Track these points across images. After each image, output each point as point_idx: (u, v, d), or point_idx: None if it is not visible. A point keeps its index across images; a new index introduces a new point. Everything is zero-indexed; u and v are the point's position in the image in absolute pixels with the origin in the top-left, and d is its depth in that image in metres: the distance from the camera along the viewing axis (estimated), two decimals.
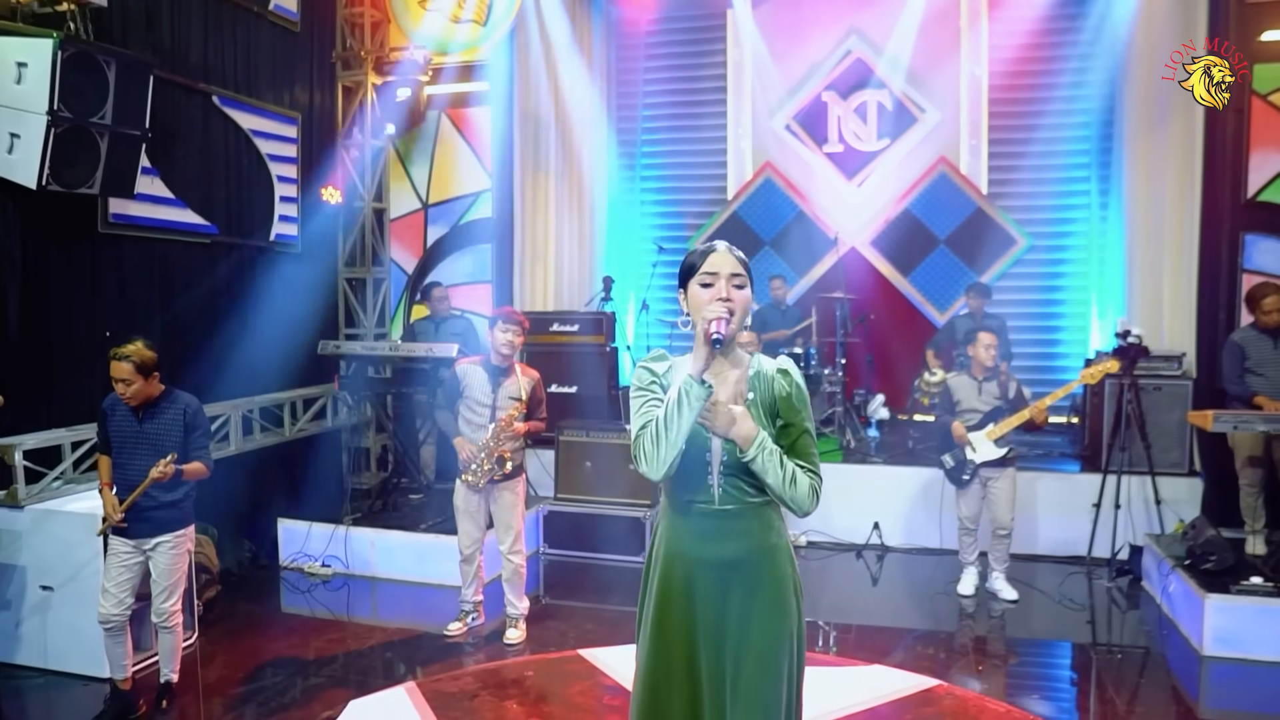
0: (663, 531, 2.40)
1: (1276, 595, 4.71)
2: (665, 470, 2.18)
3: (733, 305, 2.22)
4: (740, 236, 8.75)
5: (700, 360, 2.18)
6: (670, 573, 2.31)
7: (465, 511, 4.95)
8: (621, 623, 5.25)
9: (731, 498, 2.28)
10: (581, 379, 7.31)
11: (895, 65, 8.36)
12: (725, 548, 2.27)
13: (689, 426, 2.16)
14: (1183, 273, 6.42)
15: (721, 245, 2.33)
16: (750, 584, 2.27)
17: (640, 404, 2.32)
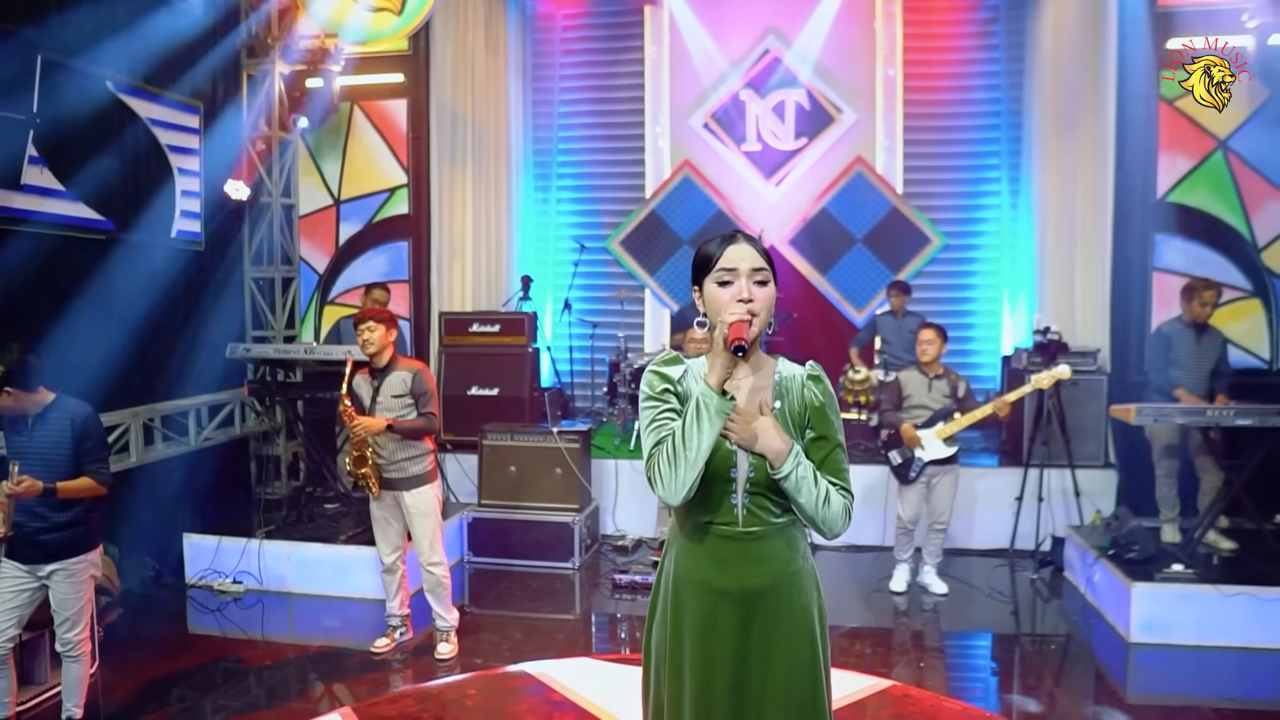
0: (676, 557, 2.15)
1: (1198, 581, 4.87)
2: (685, 494, 1.96)
3: (755, 306, 1.97)
4: (659, 235, 8.71)
5: (718, 369, 1.93)
6: (685, 604, 2.09)
7: (379, 520, 4.75)
8: (556, 632, 5.11)
9: (756, 519, 2.05)
10: (503, 381, 7.11)
11: (812, 65, 8.44)
12: (749, 576, 2.05)
13: (710, 444, 1.93)
14: (1095, 271, 6.61)
15: (741, 236, 2.06)
16: (774, 613, 2.06)
17: (652, 416, 2.06)
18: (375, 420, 4.50)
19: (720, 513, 2.06)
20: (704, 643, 2.05)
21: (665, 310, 8.79)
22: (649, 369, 2.14)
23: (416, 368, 4.66)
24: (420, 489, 4.65)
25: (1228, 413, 4.90)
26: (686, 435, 1.93)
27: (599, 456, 6.79)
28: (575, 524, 6.16)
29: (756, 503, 2.04)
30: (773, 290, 2.03)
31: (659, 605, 2.19)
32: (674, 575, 2.13)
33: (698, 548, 2.09)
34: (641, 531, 6.70)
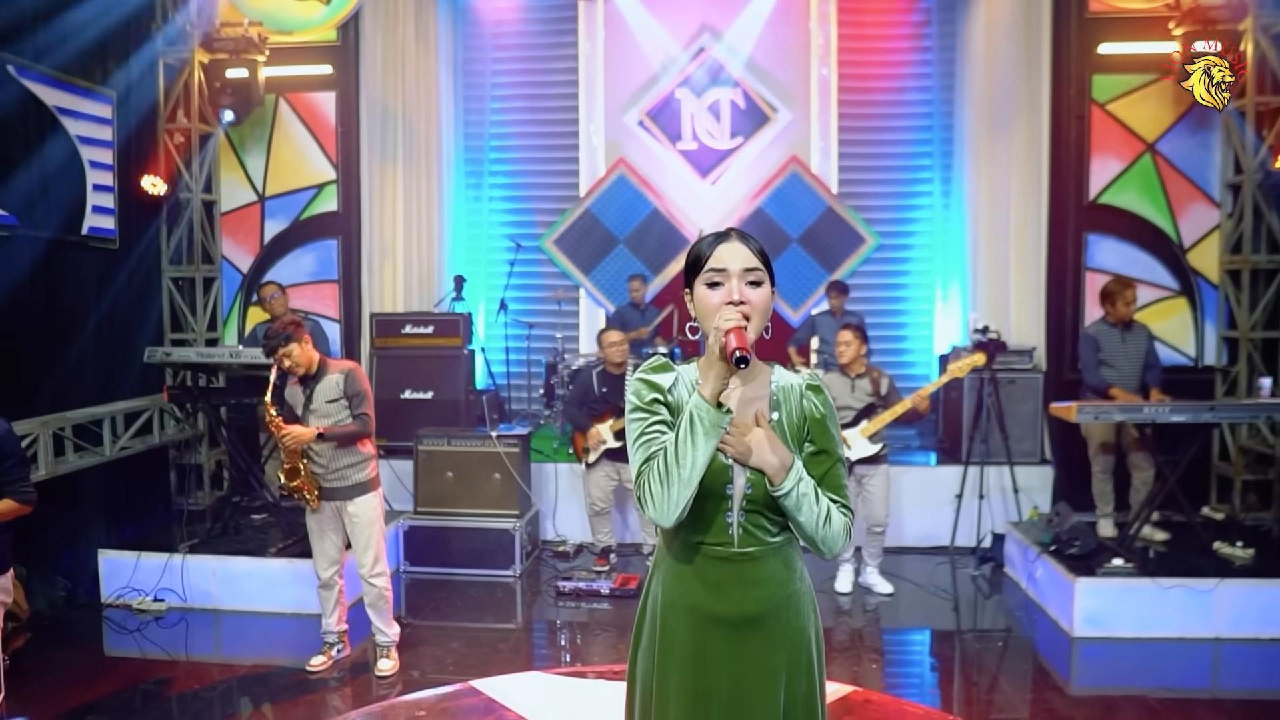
0: (663, 579, 2.00)
1: (1137, 575, 4.97)
2: (678, 514, 1.81)
3: (748, 309, 1.82)
4: (594, 234, 8.60)
5: (713, 379, 1.76)
6: (674, 631, 1.95)
7: (316, 533, 4.52)
8: (499, 643, 4.95)
9: (752, 539, 1.91)
10: (438, 384, 6.90)
11: (747, 64, 8.43)
12: (744, 600, 1.91)
13: (706, 461, 1.78)
14: (1030, 270, 6.72)
15: (734, 233, 1.91)
16: (769, 640, 1.93)
17: (640, 429, 1.90)
18: (305, 430, 4.27)
19: (713, 532, 1.91)
20: (695, 673, 1.92)
21: (601, 310, 8.68)
22: (636, 376, 1.98)
23: (348, 368, 4.45)
24: (363, 497, 4.45)
25: (1163, 409, 5.01)
26: (680, 451, 1.78)
27: (538, 460, 6.64)
28: (516, 530, 6.00)
29: (753, 521, 1.91)
30: (768, 291, 1.88)
31: (645, 632, 2.04)
32: (662, 599, 1.99)
33: (688, 570, 1.95)
34: (583, 537, 6.57)
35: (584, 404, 6.07)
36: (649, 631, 2.02)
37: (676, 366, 1.99)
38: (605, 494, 6.07)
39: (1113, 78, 6.41)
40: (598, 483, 6.04)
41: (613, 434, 5.91)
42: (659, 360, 2.01)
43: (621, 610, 5.44)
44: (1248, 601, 4.90)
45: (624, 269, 8.54)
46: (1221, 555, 5.27)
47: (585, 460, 6.04)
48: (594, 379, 6.07)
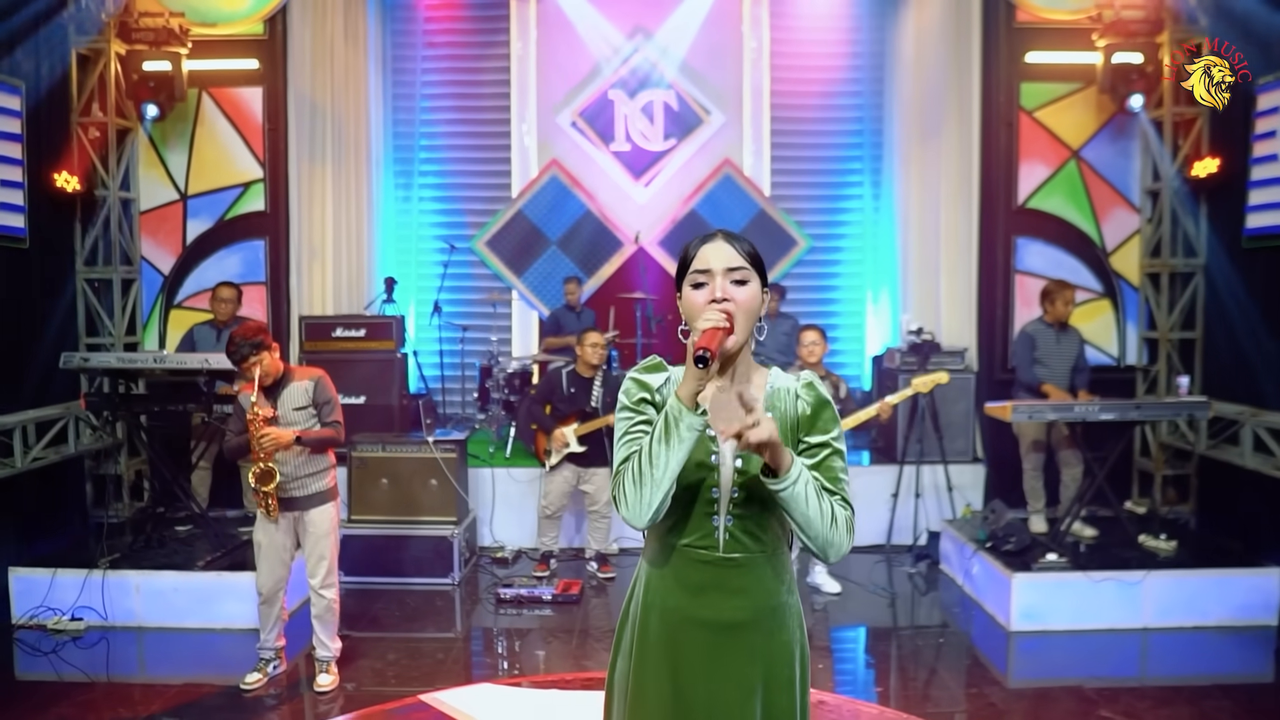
0: (645, 581, 1.97)
1: (1071, 569, 5.11)
2: (650, 515, 1.77)
3: (731, 308, 1.79)
4: (526, 236, 8.51)
5: (690, 379, 1.70)
6: (651, 632, 1.91)
7: (267, 545, 4.33)
8: (440, 653, 4.83)
9: (738, 544, 1.86)
10: (370, 388, 6.71)
11: (681, 66, 8.45)
12: (726, 607, 1.86)
13: (679, 463, 1.74)
14: (960, 273, 6.87)
15: (720, 234, 1.88)
16: (750, 651, 1.87)
17: (625, 429, 1.88)
18: (285, 432, 4.14)
19: (698, 535, 1.87)
20: (672, 679, 1.88)
21: (534, 313, 8.59)
22: (628, 375, 1.95)
23: (316, 375, 4.35)
24: (323, 507, 4.34)
25: (1093, 408, 5.18)
26: (653, 452, 1.73)
27: (475, 465, 6.52)
28: (454, 537, 5.88)
29: (740, 525, 1.86)
30: (755, 291, 1.84)
31: (624, 635, 2.00)
32: (643, 601, 1.95)
33: (670, 573, 1.91)
34: (521, 542, 6.48)
35: (550, 404, 5.99)
36: (629, 635, 1.98)
37: (670, 368, 1.95)
38: (561, 497, 6.00)
39: (1039, 86, 6.61)
40: (557, 486, 5.96)
41: (576, 438, 5.83)
42: (653, 360, 1.97)
43: (564, 617, 5.37)
44: (1172, 592, 5.09)
45: (557, 271, 8.48)
46: (1147, 548, 5.46)
47: (547, 463, 5.96)
48: (563, 379, 5.99)
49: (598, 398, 5.92)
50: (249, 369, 4.12)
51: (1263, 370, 5.60)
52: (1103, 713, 4.19)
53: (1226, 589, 5.12)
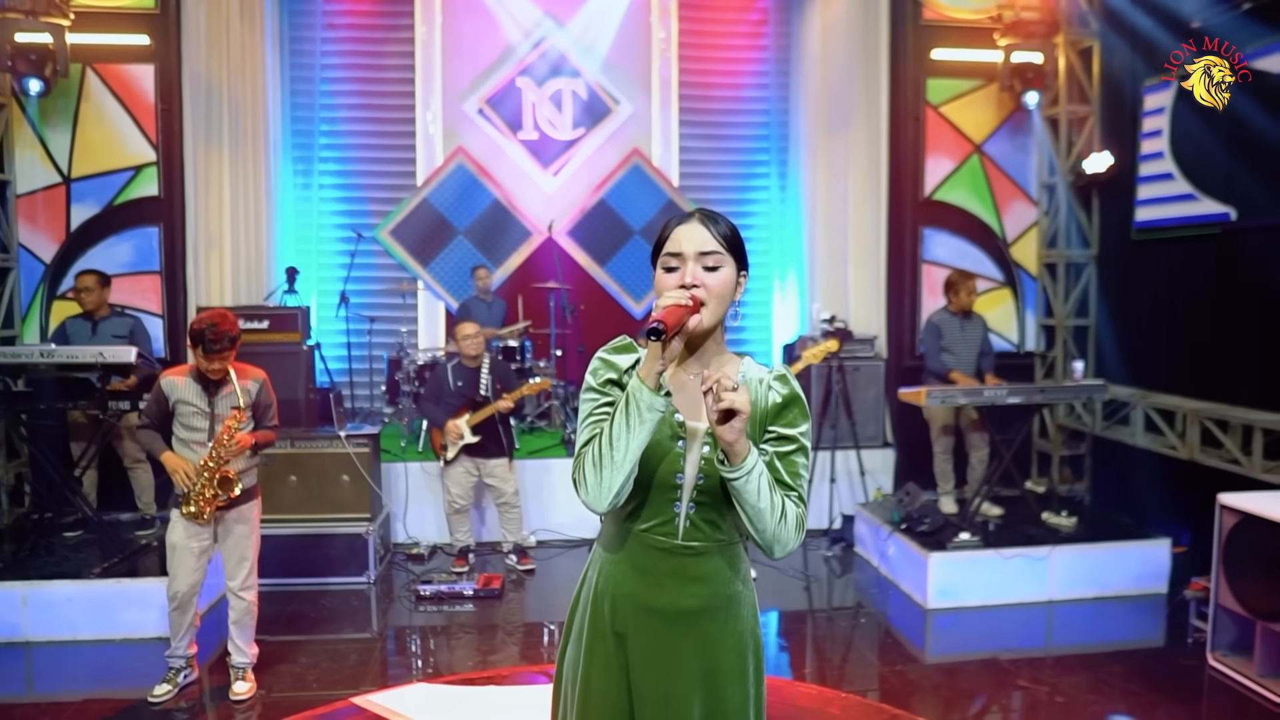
0: (599, 566, 1.92)
1: (983, 548, 5.31)
2: (610, 499, 1.71)
3: (701, 293, 1.74)
4: (432, 225, 8.30)
5: (650, 359, 1.65)
6: (603, 618, 1.87)
7: (187, 549, 4.07)
8: (361, 655, 4.67)
9: (698, 533, 1.82)
10: (275, 382, 6.22)
11: (589, 55, 8.38)
12: (681, 595, 1.82)
13: (640, 446, 1.69)
14: (869, 262, 7.04)
15: (697, 215, 1.82)
16: (704, 641, 1.84)
17: (589, 410, 1.82)
18: (247, 436, 4.00)
19: (658, 521, 1.82)
20: (621, 666, 1.85)
21: (440, 304, 8.40)
22: (597, 355, 1.88)
23: (261, 377, 4.18)
24: (248, 504, 4.16)
25: (1002, 392, 5.39)
26: (614, 434, 1.68)
27: (388, 460, 6.34)
28: (369, 534, 5.70)
29: (702, 514, 1.82)
30: (729, 276, 1.79)
31: (575, 620, 1.96)
32: (596, 587, 1.90)
33: (626, 558, 1.86)
34: (437, 538, 6.34)
35: (439, 399, 5.85)
36: (579, 620, 1.93)
37: (641, 348, 1.85)
38: (465, 491, 5.88)
39: (944, 82, 6.83)
40: (457, 480, 5.84)
41: (470, 429, 5.72)
42: (622, 340, 1.91)
43: (487, 612, 5.27)
44: (1074, 566, 5.36)
45: (464, 261, 8.31)
46: (1050, 525, 5.73)
47: (443, 457, 5.82)
48: (448, 373, 5.86)
49: (486, 385, 5.84)
50: (210, 362, 3.91)
51: (1150, 355, 5.94)
52: (1021, 682, 4.37)
53: (1122, 560, 5.42)
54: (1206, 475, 5.32)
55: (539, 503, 6.43)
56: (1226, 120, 5.27)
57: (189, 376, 4.05)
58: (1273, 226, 5.05)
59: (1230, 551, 4.37)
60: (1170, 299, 5.76)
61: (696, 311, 1.70)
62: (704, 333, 1.78)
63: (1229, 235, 5.33)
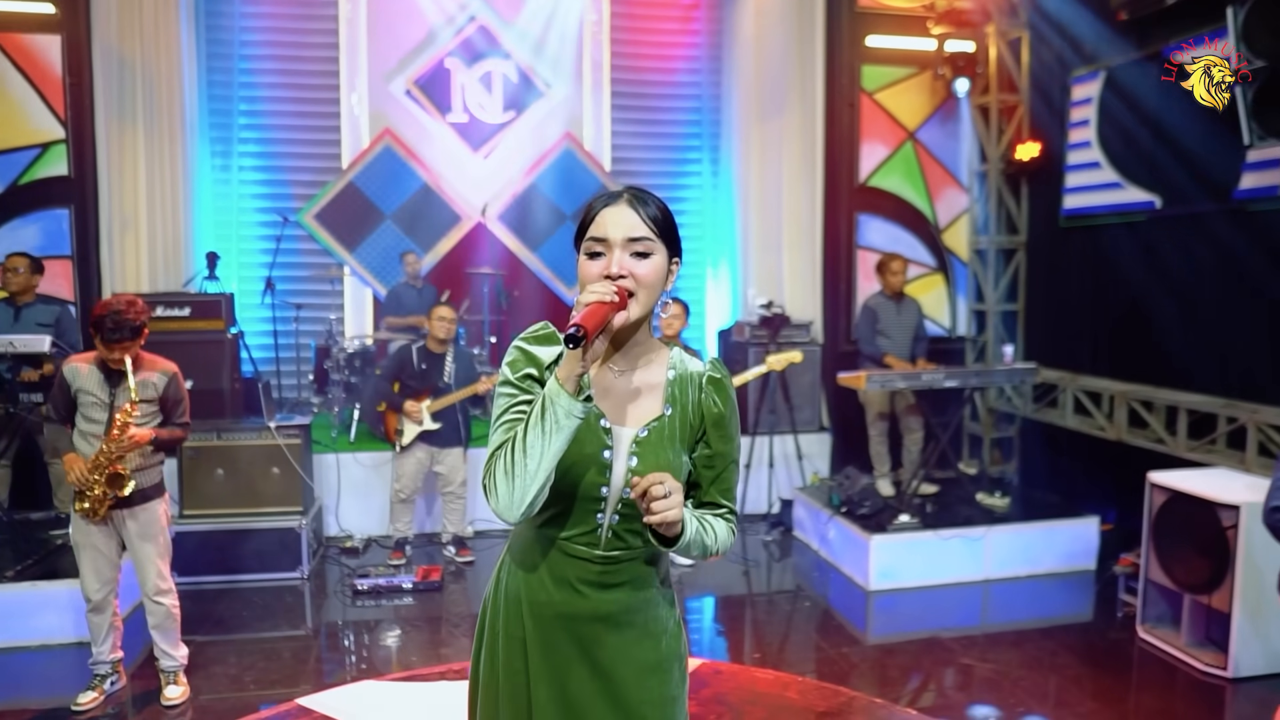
0: (510, 571, 1.79)
1: (921, 529, 5.41)
2: (524, 510, 1.55)
3: (629, 284, 1.59)
4: (359, 209, 8.06)
5: (569, 361, 1.52)
6: (514, 625, 1.75)
7: (89, 547, 3.87)
8: (299, 653, 4.52)
9: (620, 543, 1.70)
10: (199, 372, 6.08)
11: (520, 36, 8.22)
12: (599, 601, 1.71)
13: (556, 455, 1.54)
14: (804, 248, 7.08)
15: (625, 195, 1.66)
16: (620, 643, 1.73)
17: (505, 406, 1.64)
18: (144, 432, 3.75)
19: (579, 530, 1.69)
20: (534, 674, 1.73)
21: (367, 290, 8.17)
22: (515, 343, 1.71)
23: (170, 370, 3.93)
24: (149, 504, 3.91)
25: (939, 376, 5.49)
26: (528, 441, 1.52)
27: (318, 451, 6.14)
28: (302, 528, 5.51)
29: (626, 526, 1.68)
30: (660, 264, 1.64)
31: (485, 630, 1.84)
32: (507, 593, 1.78)
33: (541, 564, 1.73)
34: (371, 530, 6.17)
35: (400, 380, 5.69)
36: (490, 629, 1.81)
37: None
38: (415, 480, 5.74)
39: (879, 69, 6.90)
40: (409, 468, 5.70)
41: (430, 415, 5.58)
42: (544, 328, 1.73)
43: (427, 605, 5.15)
44: (1009, 545, 5.50)
45: (392, 246, 8.10)
46: (984, 505, 5.86)
47: (398, 442, 5.67)
48: (414, 355, 5.71)
49: (450, 373, 5.71)
50: (121, 351, 3.69)
51: (1077, 339, 6.12)
52: (961, 659, 4.47)
53: (1053, 539, 5.58)
54: (1132, 454, 5.51)
55: (477, 492, 6.30)
56: (1151, 112, 5.45)
57: (93, 365, 3.82)
58: (1195, 215, 5.23)
59: (1159, 528, 4.52)
60: (1097, 284, 5.94)
61: (623, 307, 1.57)
62: (632, 325, 1.65)
63: (1154, 222, 5.52)
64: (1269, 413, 4.64)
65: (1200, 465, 4.90)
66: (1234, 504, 4.11)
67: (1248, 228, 4.88)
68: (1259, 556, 4.07)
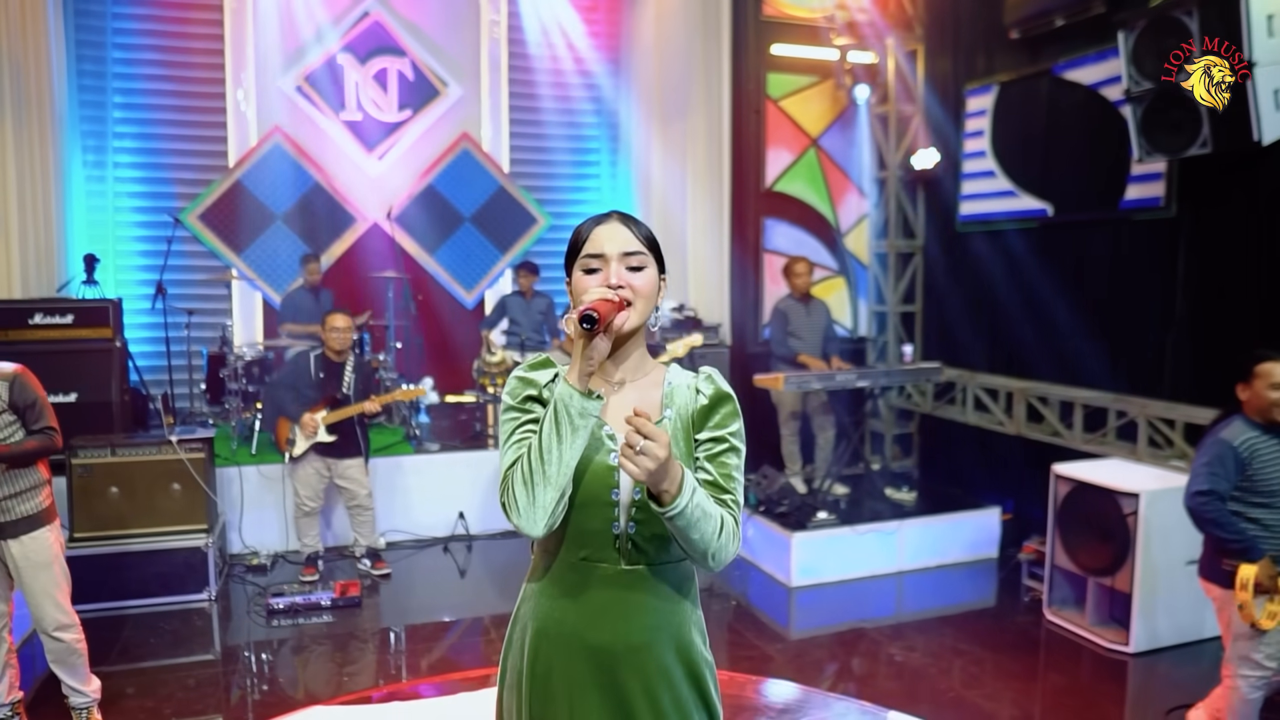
0: (534, 604, 1.75)
1: (839, 525, 5.59)
2: (547, 521, 1.56)
3: (628, 293, 1.64)
4: (248, 209, 7.74)
5: (578, 360, 1.56)
6: (547, 664, 1.71)
7: None
8: (219, 680, 4.31)
9: (643, 555, 1.67)
10: (84, 383, 5.73)
11: (415, 34, 8.06)
12: (629, 628, 1.66)
13: (575, 457, 1.56)
14: (710, 251, 7.20)
15: (615, 215, 1.73)
16: (653, 674, 1.68)
17: (510, 430, 1.67)
18: None
19: (597, 546, 1.67)
20: (571, 713, 1.69)
21: (257, 294, 7.82)
22: (513, 375, 1.75)
23: (12, 372, 3.48)
24: (35, 533, 3.52)
25: (852, 376, 5.69)
26: (545, 447, 1.55)
27: (221, 465, 5.84)
28: (208, 547, 5.23)
29: (645, 533, 1.66)
30: (653, 277, 1.71)
31: (509, 665, 1.80)
32: (533, 627, 1.74)
33: (565, 592, 1.70)
34: (276, 545, 5.91)
35: (297, 389, 5.45)
36: (514, 664, 1.77)
37: (560, 364, 1.73)
38: (315, 492, 5.52)
39: (784, 77, 7.08)
40: (306, 480, 5.47)
41: (326, 426, 5.37)
42: (539, 357, 1.78)
43: (348, 621, 4.98)
44: (919, 537, 5.76)
45: (284, 248, 7.80)
46: (893, 500, 6.11)
47: (289, 453, 5.43)
48: (311, 363, 5.47)
49: (349, 384, 5.52)
50: None
51: (972, 338, 6.45)
52: (888, 649, 4.65)
53: (959, 530, 5.87)
54: (1028, 447, 5.86)
55: (388, 502, 6.13)
56: (1042, 124, 5.80)
57: None
58: (1084, 222, 5.61)
59: (1064, 516, 4.83)
60: (992, 287, 6.28)
61: (624, 307, 1.63)
62: (628, 334, 1.69)
63: (1046, 229, 5.88)
64: (1158, 406, 5.03)
65: (1095, 456, 5.26)
66: (1134, 492, 4.43)
67: (1132, 235, 5.27)
68: (1156, 540, 4.41)
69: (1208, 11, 4.32)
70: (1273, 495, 3.19)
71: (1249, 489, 3.20)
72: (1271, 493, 3.18)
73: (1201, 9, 4.32)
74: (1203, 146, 4.43)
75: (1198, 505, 3.24)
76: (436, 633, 4.93)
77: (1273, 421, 3.22)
